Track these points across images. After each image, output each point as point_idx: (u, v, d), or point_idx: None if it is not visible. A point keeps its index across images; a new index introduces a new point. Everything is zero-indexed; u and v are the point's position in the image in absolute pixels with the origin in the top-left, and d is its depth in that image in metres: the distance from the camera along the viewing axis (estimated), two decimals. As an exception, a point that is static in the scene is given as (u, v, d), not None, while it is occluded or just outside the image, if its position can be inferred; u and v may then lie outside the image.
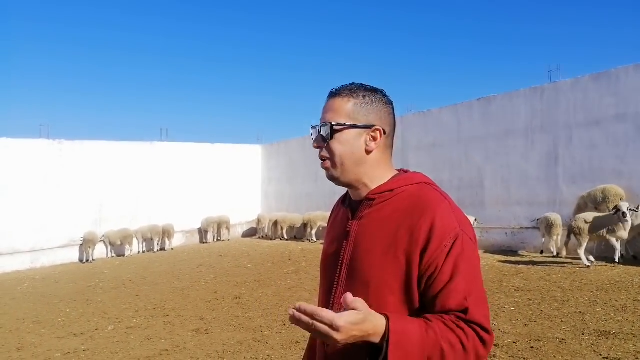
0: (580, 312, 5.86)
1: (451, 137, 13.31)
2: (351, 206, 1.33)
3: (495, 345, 4.84)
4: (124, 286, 10.00)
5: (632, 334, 4.91)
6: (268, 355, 5.11)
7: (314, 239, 15.69)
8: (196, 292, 8.81)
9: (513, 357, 4.53)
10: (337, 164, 1.26)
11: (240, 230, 19.87)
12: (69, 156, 15.73)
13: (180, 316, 7.09)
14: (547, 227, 9.99)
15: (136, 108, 52.11)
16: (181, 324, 6.66)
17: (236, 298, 8.04)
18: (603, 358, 4.33)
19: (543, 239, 10.49)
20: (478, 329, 1.08)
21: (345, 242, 1.27)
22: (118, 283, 10.43)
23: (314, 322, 0.97)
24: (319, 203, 16.60)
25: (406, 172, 1.32)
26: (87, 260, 14.90)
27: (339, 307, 1.17)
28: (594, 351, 4.52)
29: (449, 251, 1.11)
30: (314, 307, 0.99)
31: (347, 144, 1.24)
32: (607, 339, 4.83)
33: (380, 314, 1.04)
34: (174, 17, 59.31)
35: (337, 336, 0.97)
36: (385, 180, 1.27)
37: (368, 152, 1.25)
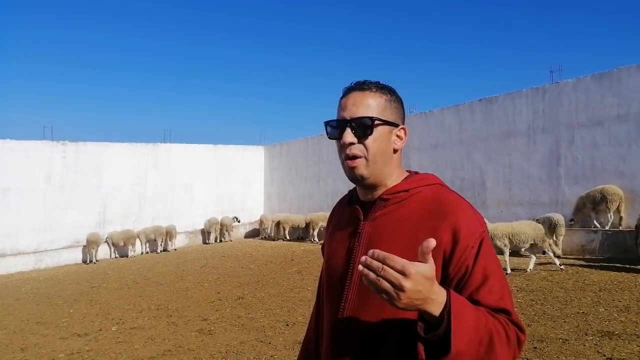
0: (583, 312, 5.85)
1: (453, 137, 13.31)
2: (360, 206, 1.27)
3: (498, 345, 4.84)
4: (128, 287, 10.03)
5: (635, 334, 4.91)
6: (271, 356, 5.12)
7: (317, 239, 15.70)
8: (199, 292, 8.83)
9: (516, 358, 4.53)
10: (371, 162, 1.18)
11: (243, 231, 19.89)
12: (72, 158, 15.79)
13: (183, 316, 7.11)
14: (551, 227, 9.98)
15: (140, 110, 52.31)
16: (184, 324, 6.68)
17: (239, 298, 8.06)
18: (606, 359, 4.32)
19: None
20: (516, 329, 1.06)
21: (356, 244, 1.21)
22: (121, 284, 10.46)
23: (385, 267, 0.88)
24: (321, 204, 16.62)
25: (417, 173, 1.29)
26: (91, 261, 14.94)
27: (351, 313, 1.17)
28: (597, 352, 4.52)
29: (477, 252, 1.09)
30: (386, 253, 0.90)
31: (381, 141, 1.19)
32: (611, 339, 4.82)
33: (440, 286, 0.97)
34: (178, 20, 59.47)
35: (407, 284, 0.87)
36: (399, 181, 1.24)
37: (395, 150, 1.23)
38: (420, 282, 0.89)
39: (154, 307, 7.91)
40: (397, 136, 1.23)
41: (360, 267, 0.90)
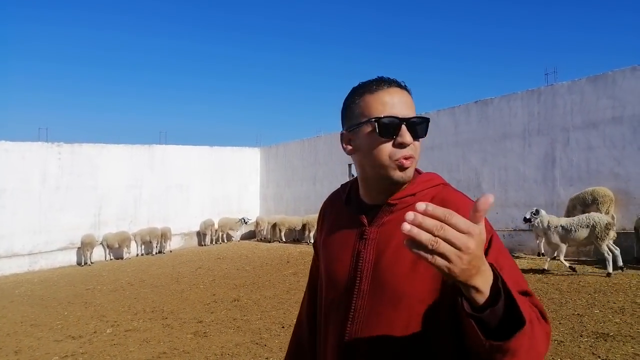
0: (579, 314, 5.87)
1: (449, 139, 13.34)
2: (362, 210, 1.22)
3: (493, 347, 4.85)
4: (123, 289, 9.99)
5: (630, 335, 4.93)
6: (266, 358, 5.12)
7: (313, 241, 15.67)
8: (195, 294, 8.81)
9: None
10: (416, 163, 1.16)
11: (238, 233, 19.86)
12: (67, 159, 15.73)
13: (178, 319, 7.09)
14: None
15: (135, 111, 52.19)
16: (180, 326, 6.66)
17: (235, 300, 8.04)
18: (601, 360, 4.34)
19: (537, 241, 10.56)
20: (543, 321, 0.97)
21: (364, 250, 1.16)
22: (116, 286, 10.42)
23: (444, 225, 0.73)
24: (317, 205, 16.55)
25: (420, 172, 1.24)
26: (86, 263, 14.87)
27: (360, 321, 1.12)
28: (592, 353, 4.53)
29: (488, 249, 1.03)
30: (448, 210, 0.75)
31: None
32: (605, 341, 4.84)
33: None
34: (173, 20, 59.40)
35: (472, 245, 0.74)
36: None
37: None
38: (480, 245, 0.77)
39: (149, 309, 7.88)
40: None
41: (407, 226, 0.72)
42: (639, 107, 9.74)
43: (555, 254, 8.60)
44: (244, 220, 18.31)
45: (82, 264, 14.98)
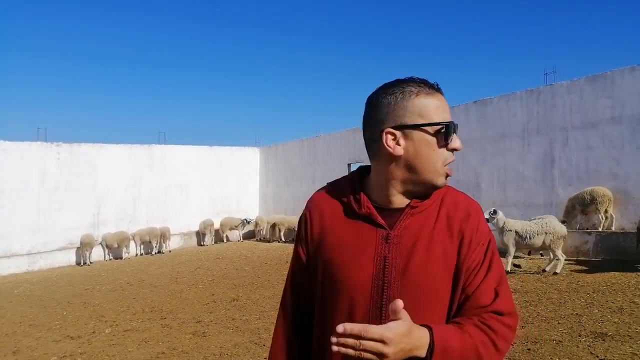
0: (577, 314, 5.87)
1: (448, 139, 13.34)
2: (379, 214, 1.18)
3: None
4: (122, 289, 9.98)
5: (628, 335, 4.93)
6: (265, 358, 5.11)
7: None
8: (194, 294, 8.80)
9: (510, 359, 4.54)
10: None
11: (238, 233, 19.86)
12: (66, 159, 15.73)
13: (177, 319, 7.08)
14: None
15: (134, 111, 52.19)
16: (179, 326, 6.65)
17: (234, 300, 8.04)
18: (599, 360, 4.34)
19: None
20: (506, 319, 1.12)
21: (389, 254, 1.14)
22: (115, 286, 10.42)
23: (362, 341, 0.91)
24: (316, 205, 16.57)
25: None
26: (85, 263, 14.87)
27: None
28: (591, 353, 4.53)
29: (486, 250, 1.18)
30: (360, 325, 0.92)
31: None
32: (604, 340, 4.84)
33: (422, 325, 1.01)
34: (173, 20, 59.39)
35: (388, 350, 0.92)
36: None
37: None
38: (399, 342, 0.93)
39: (148, 309, 7.88)
40: None
41: (335, 347, 0.92)
42: (637, 107, 9.75)
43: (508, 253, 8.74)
44: (247, 221, 18.27)
45: (81, 263, 14.99)
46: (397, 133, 1.13)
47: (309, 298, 1.28)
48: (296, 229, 1.42)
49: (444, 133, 1.13)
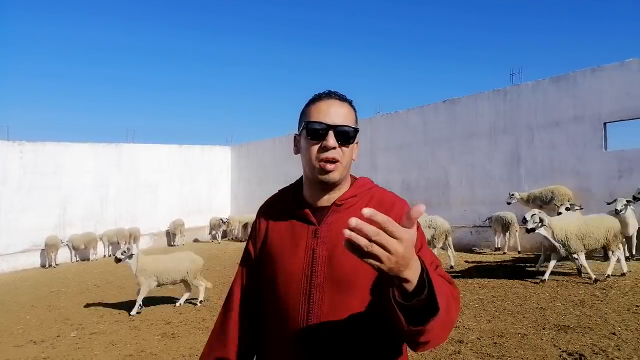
0: (542, 307, 6.04)
1: (418, 138, 13.52)
2: (310, 211, 1.34)
3: (460, 341, 4.95)
4: (89, 291, 9.74)
5: (589, 327, 5.10)
6: None
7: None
8: (163, 295, 8.66)
9: (477, 352, 4.64)
10: (344, 168, 1.30)
11: (209, 232, 19.65)
12: (30, 158, 15.23)
13: (146, 320, 6.96)
14: (504, 225, 10.49)
15: (101, 109, 50.93)
16: (147, 328, 6.54)
17: (204, 301, 7.95)
18: (562, 352, 4.47)
19: (496, 237, 11.09)
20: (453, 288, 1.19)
21: (317, 247, 1.28)
22: (82, 288, 10.16)
23: (380, 231, 0.86)
24: (288, 204, 16.55)
25: (355, 178, 1.43)
26: (50, 265, 14.45)
27: (320, 314, 1.22)
28: (554, 345, 4.67)
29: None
30: (386, 217, 0.87)
31: (352, 150, 1.33)
32: (566, 332, 5.00)
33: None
34: (141, 16, 58.24)
35: (400, 248, 0.87)
36: (348, 187, 1.37)
37: (353, 160, 1.36)
38: (409, 247, 0.90)
39: (115, 311, 7.72)
40: (356, 148, 1.37)
41: (348, 232, 0.85)
42: (598, 107, 10.09)
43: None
44: (222, 221, 18.06)
45: (47, 266, 14.56)
46: (297, 137, 1.39)
47: (254, 291, 1.41)
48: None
49: (310, 131, 1.29)
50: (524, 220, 7.31)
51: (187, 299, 7.99)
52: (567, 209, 8.55)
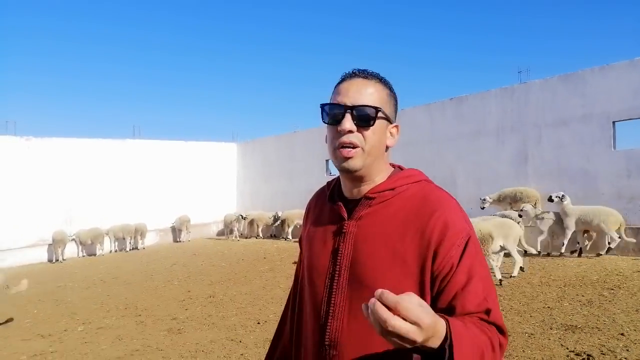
0: (549, 307, 6.01)
1: (424, 136, 13.48)
2: (344, 204, 1.21)
3: (466, 340, 4.93)
4: (95, 286, 9.80)
5: (597, 327, 5.07)
6: (241, 354, 5.08)
7: (290, 237, 15.67)
8: (169, 291, 8.70)
9: (483, 351, 4.62)
10: (367, 154, 1.13)
11: (215, 229, 19.70)
12: (37, 153, 15.31)
13: (152, 315, 6.99)
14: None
15: (107, 104, 51.13)
16: (153, 323, 6.56)
17: (210, 297, 7.97)
18: (569, 351, 4.45)
19: None
20: (497, 332, 1.02)
21: (342, 244, 1.16)
22: (89, 283, 10.21)
23: (394, 319, 0.79)
24: (294, 201, 16.60)
25: (402, 168, 1.26)
26: (57, 260, 14.54)
27: (341, 317, 1.12)
28: (561, 345, 4.64)
29: (463, 251, 1.06)
30: (397, 297, 0.80)
31: (380, 134, 1.15)
32: (574, 332, 4.97)
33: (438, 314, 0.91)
34: (148, 11, 58.36)
35: (421, 337, 0.80)
36: (385, 178, 1.19)
37: (387, 147, 1.20)
38: (430, 329, 0.83)
39: (122, 306, 7.75)
40: (391, 133, 1.20)
41: (366, 311, 0.82)
42: (607, 106, 10.01)
43: None
44: (242, 217, 17.55)
45: (54, 260, 14.65)
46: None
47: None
48: (274, 226, 1.48)
49: (324, 114, 1.16)
50: None
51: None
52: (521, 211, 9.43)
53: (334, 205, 1.23)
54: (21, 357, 5.50)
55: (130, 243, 16.40)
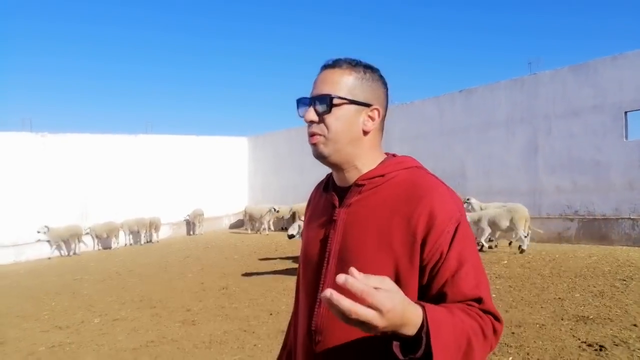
0: (560, 298, 6.02)
1: (434, 128, 13.44)
2: (336, 192, 1.20)
3: (476, 331, 4.97)
4: (110, 279, 9.96)
5: (609, 318, 5.08)
6: (255, 345, 5.17)
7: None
8: (183, 283, 8.83)
9: (493, 342, 4.65)
10: (331, 140, 1.13)
11: (227, 222, 19.86)
12: (52, 149, 15.54)
13: (166, 307, 7.11)
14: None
15: (120, 100, 51.55)
16: (168, 315, 6.68)
17: (223, 289, 8.08)
18: (581, 342, 4.46)
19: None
20: (491, 318, 1.01)
21: (332, 231, 1.16)
22: (104, 276, 10.39)
23: (357, 307, 0.78)
24: (305, 194, 16.40)
25: (395, 156, 1.23)
26: (74, 254, 14.78)
27: (325, 313, 1.11)
28: (573, 336, 4.66)
29: (453, 237, 1.03)
30: (362, 285, 0.79)
31: (344, 120, 1.12)
32: (585, 323, 4.98)
33: (414, 302, 0.90)
34: (159, 9, 58.52)
35: (382, 323, 0.80)
36: (376, 165, 1.17)
37: (365, 132, 1.16)
38: (394, 315, 0.82)
39: (137, 298, 7.89)
40: (369, 117, 1.16)
41: (326, 301, 0.80)
42: (619, 96, 9.91)
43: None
44: (274, 209, 17.09)
45: (70, 254, 14.89)
46: None
47: None
48: (285, 218, 1.50)
49: (298, 108, 1.20)
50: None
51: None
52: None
53: (328, 194, 1.24)
54: (40, 347, 5.64)
55: (144, 236, 16.61)
